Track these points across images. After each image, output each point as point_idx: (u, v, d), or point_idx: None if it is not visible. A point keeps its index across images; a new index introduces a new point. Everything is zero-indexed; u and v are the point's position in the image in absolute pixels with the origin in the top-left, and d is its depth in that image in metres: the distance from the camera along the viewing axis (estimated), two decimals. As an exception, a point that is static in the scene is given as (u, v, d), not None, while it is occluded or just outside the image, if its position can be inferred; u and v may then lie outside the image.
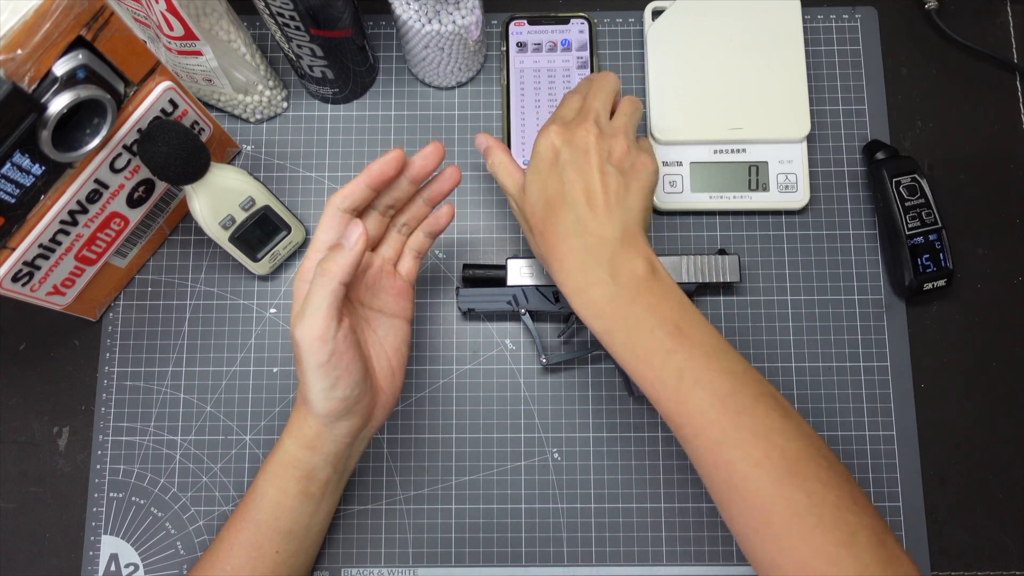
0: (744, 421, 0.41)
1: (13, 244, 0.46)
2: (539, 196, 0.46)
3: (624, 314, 0.43)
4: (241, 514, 0.47)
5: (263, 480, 0.47)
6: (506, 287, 0.55)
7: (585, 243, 0.44)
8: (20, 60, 0.39)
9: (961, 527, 0.55)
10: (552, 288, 0.55)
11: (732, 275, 0.55)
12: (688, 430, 0.41)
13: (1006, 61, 0.62)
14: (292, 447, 0.46)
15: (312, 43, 0.53)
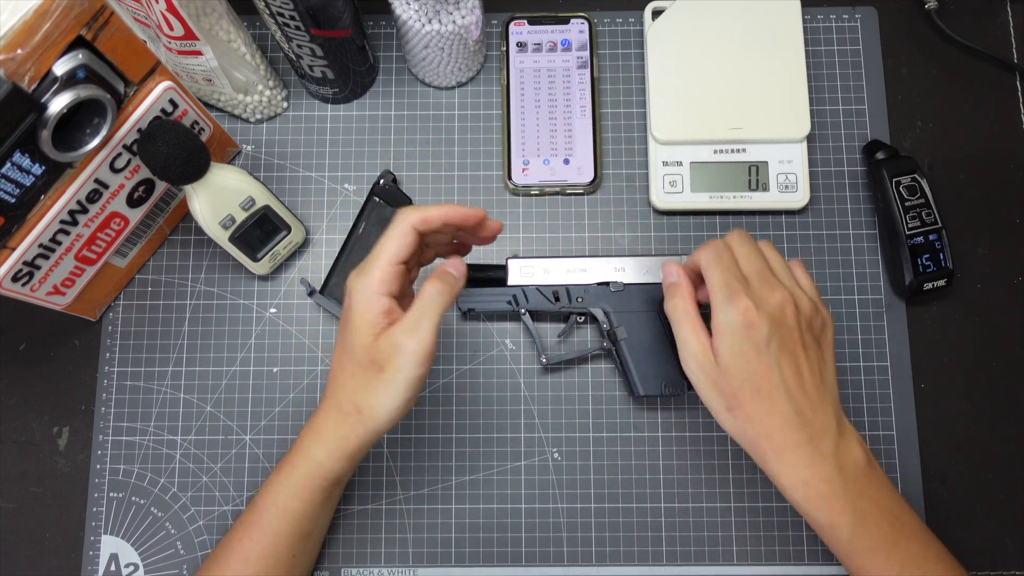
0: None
1: (13, 244, 0.46)
2: (745, 379, 0.43)
3: (853, 508, 0.43)
4: (256, 525, 0.47)
5: (285, 493, 0.46)
6: (506, 287, 0.55)
7: (810, 436, 0.43)
8: (20, 60, 0.39)
9: (961, 527, 0.55)
10: (552, 288, 0.55)
11: None
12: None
13: (1006, 61, 0.62)
14: (325, 459, 0.45)
15: (312, 43, 0.53)
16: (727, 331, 0.43)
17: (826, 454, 0.43)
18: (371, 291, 0.43)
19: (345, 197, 0.60)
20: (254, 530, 0.47)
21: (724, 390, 0.44)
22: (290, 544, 0.47)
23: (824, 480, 0.42)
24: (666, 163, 0.59)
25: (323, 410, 0.46)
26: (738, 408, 0.43)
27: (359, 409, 0.43)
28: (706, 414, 0.57)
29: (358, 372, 0.43)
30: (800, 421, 0.43)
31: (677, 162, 0.59)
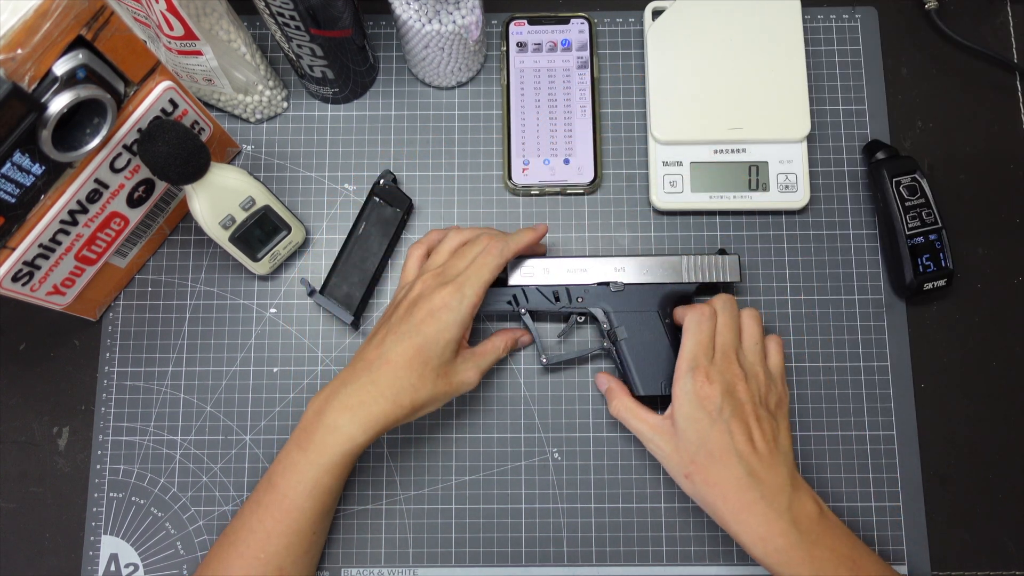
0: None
1: (13, 244, 0.46)
2: (700, 446, 0.48)
3: (810, 558, 0.45)
4: (277, 504, 0.47)
5: (315, 469, 0.47)
6: (506, 287, 0.55)
7: (762, 494, 0.46)
8: (20, 60, 0.39)
9: (961, 527, 0.55)
10: (552, 288, 0.55)
11: (732, 275, 0.55)
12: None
13: (1006, 61, 0.62)
14: (361, 435, 0.47)
15: (312, 43, 0.53)
16: (684, 398, 0.49)
17: (780, 510, 0.46)
18: (467, 314, 0.49)
19: (345, 197, 0.60)
20: (275, 508, 0.47)
21: (683, 456, 0.48)
22: (312, 521, 0.48)
23: (780, 534, 0.45)
24: (666, 163, 0.59)
25: (364, 392, 0.47)
26: (696, 473, 0.48)
27: (415, 407, 0.48)
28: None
29: (429, 379, 0.48)
30: (752, 481, 0.46)
31: (677, 162, 0.59)
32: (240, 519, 0.48)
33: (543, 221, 0.60)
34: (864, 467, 0.56)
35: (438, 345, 0.48)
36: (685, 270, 0.55)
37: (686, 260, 0.55)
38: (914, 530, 0.55)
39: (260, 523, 0.47)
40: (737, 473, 0.46)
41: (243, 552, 0.47)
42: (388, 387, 0.47)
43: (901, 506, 0.55)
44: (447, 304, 0.48)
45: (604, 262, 0.55)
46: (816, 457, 0.56)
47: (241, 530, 0.48)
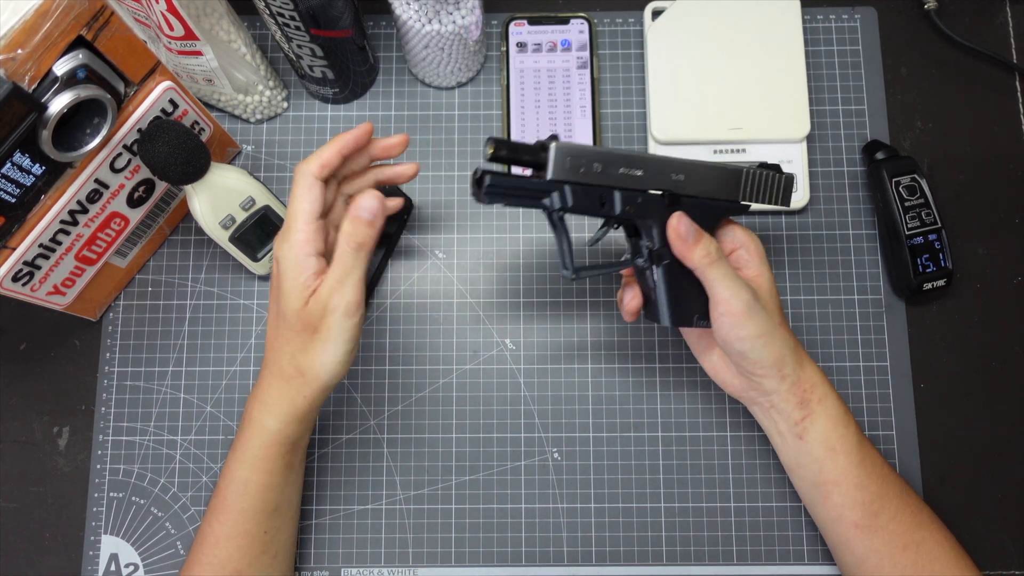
0: (923, 506, 0.48)
1: (13, 244, 0.46)
2: (775, 287, 0.48)
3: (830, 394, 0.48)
4: (221, 507, 0.47)
5: (243, 468, 0.46)
6: (546, 182, 0.43)
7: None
8: (20, 60, 0.39)
9: (961, 527, 0.55)
10: (600, 189, 0.44)
11: (785, 201, 0.49)
12: (888, 513, 0.47)
13: (1006, 61, 0.62)
14: (277, 425, 0.45)
15: (312, 43, 0.53)
16: (764, 257, 0.48)
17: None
18: (299, 254, 0.43)
19: (345, 197, 0.60)
20: (219, 512, 0.47)
21: (774, 309, 0.47)
22: (259, 520, 0.47)
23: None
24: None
25: (265, 379, 0.46)
26: (783, 321, 0.47)
27: (301, 372, 0.44)
28: (706, 414, 0.57)
29: (294, 337, 0.44)
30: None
31: (677, 162, 0.59)
32: (199, 529, 0.49)
33: (543, 221, 0.60)
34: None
35: (286, 298, 0.44)
36: (742, 190, 0.48)
37: (744, 176, 0.48)
38: (914, 530, 0.55)
39: (210, 528, 0.47)
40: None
41: (201, 560, 0.47)
42: (273, 364, 0.45)
43: (901, 506, 0.55)
44: (280, 254, 0.44)
45: (662, 164, 0.46)
46: (816, 457, 0.56)
47: (198, 538, 0.48)
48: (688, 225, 0.45)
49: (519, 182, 0.43)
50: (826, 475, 0.47)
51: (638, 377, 0.57)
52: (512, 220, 0.60)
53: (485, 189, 0.42)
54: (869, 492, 0.46)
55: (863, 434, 0.49)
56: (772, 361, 0.46)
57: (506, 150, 0.43)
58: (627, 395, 0.57)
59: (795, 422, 0.47)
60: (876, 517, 0.46)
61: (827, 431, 0.47)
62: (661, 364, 0.58)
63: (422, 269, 0.59)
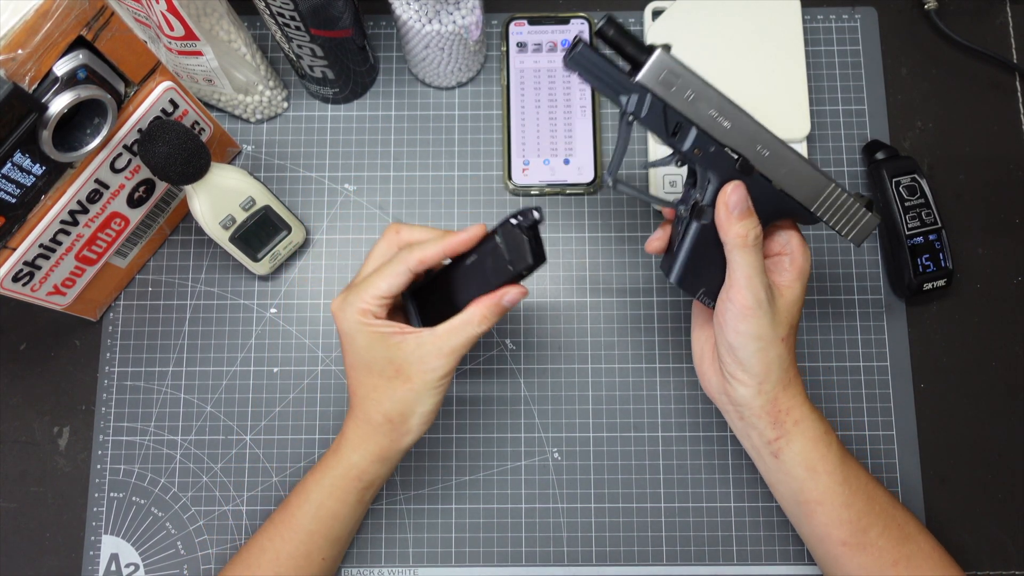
0: (910, 518, 0.48)
1: (14, 244, 0.46)
2: (798, 316, 0.46)
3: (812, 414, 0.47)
4: (289, 523, 0.47)
5: (319, 490, 0.46)
6: (632, 82, 0.41)
7: None
8: (21, 60, 0.39)
9: (961, 527, 0.55)
10: (678, 116, 0.43)
11: (856, 237, 0.46)
12: (877, 529, 0.46)
13: (1006, 61, 0.62)
14: (361, 461, 0.46)
15: (312, 43, 0.53)
16: (805, 275, 0.45)
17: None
18: (357, 317, 0.44)
19: (345, 197, 0.60)
20: (285, 529, 0.47)
21: (784, 322, 0.45)
22: (320, 546, 0.47)
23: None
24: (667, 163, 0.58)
25: (352, 421, 0.46)
26: (788, 338, 0.45)
27: (389, 420, 0.44)
28: (706, 414, 0.57)
29: (382, 384, 0.44)
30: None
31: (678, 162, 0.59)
32: (255, 537, 0.48)
33: (543, 221, 0.60)
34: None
35: (367, 349, 0.44)
36: (821, 202, 0.45)
37: (830, 191, 0.44)
38: (914, 530, 0.55)
39: (270, 542, 0.47)
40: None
41: (255, 572, 0.47)
42: (360, 411, 0.46)
43: (901, 506, 0.55)
44: (337, 315, 0.45)
45: (754, 129, 0.43)
46: (816, 457, 0.56)
47: (254, 548, 0.48)
48: (741, 198, 0.43)
49: (607, 67, 0.41)
50: (808, 494, 0.46)
51: (638, 377, 0.57)
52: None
53: (572, 54, 0.41)
54: (855, 510, 0.45)
55: (845, 450, 0.47)
56: (757, 370, 0.44)
57: (615, 31, 0.41)
58: (627, 395, 0.57)
59: (768, 440, 0.46)
60: (864, 534, 0.45)
61: (805, 452, 0.46)
62: (661, 364, 0.58)
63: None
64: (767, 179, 0.44)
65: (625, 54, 0.42)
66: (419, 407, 0.44)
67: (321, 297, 0.59)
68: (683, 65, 0.41)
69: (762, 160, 0.43)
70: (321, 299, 0.59)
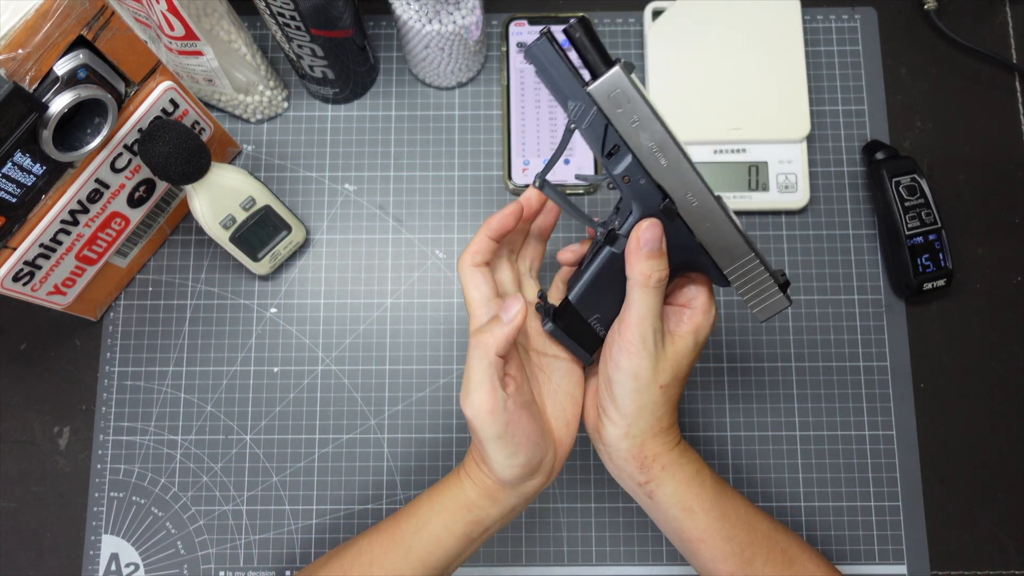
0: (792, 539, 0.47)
1: (14, 244, 0.46)
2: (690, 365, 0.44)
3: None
4: (392, 535, 0.45)
5: (429, 509, 0.45)
6: (583, 84, 0.40)
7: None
8: (21, 60, 0.39)
9: (961, 527, 0.55)
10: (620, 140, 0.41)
11: (763, 315, 0.45)
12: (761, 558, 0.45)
13: (1006, 61, 0.62)
14: (473, 493, 0.44)
15: (313, 43, 0.53)
16: (701, 333, 0.44)
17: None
18: (485, 414, 0.41)
19: (345, 197, 0.60)
20: (387, 538, 0.45)
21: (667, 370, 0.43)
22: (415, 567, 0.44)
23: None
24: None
25: (469, 454, 0.46)
26: (669, 387, 0.43)
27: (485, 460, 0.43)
28: (706, 414, 0.57)
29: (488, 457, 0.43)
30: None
31: (677, 162, 0.59)
32: (357, 538, 0.47)
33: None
34: (864, 467, 0.56)
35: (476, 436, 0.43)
36: (735, 268, 0.43)
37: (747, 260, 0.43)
38: (914, 530, 0.55)
39: (369, 547, 0.46)
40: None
41: (347, 572, 0.45)
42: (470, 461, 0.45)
43: (901, 506, 0.55)
44: (466, 413, 0.42)
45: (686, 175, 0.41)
46: (816, 457, 0.56)
47: (352, 548, 0.46)
48: (654, 237, 0.41)
49: (563, 67, 0.40)
50: (689, 533, 0.45)
51: (638, 377, 0.57)
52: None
53: (531, 44, 0.40)
54: (738, 542, 0.45)
55: (722, 482, 0.46)
56: (628, 411, 0.43)
57: (581, 33, 0.39)
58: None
59: (639, 483, 0.45)
60: (750, 565, 0.45)
61: (679, 493, 0.44)
62: (661, 364, 0.57)
63: (422, 269, 0.59)
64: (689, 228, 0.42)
65: (586, 60, 0.40)
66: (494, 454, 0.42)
67: (321, 297, 0.59)
68: (638, 89, 0.40)
69: (688, 208, 0.42)
70: (321, 299, 0.59)
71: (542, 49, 0.40)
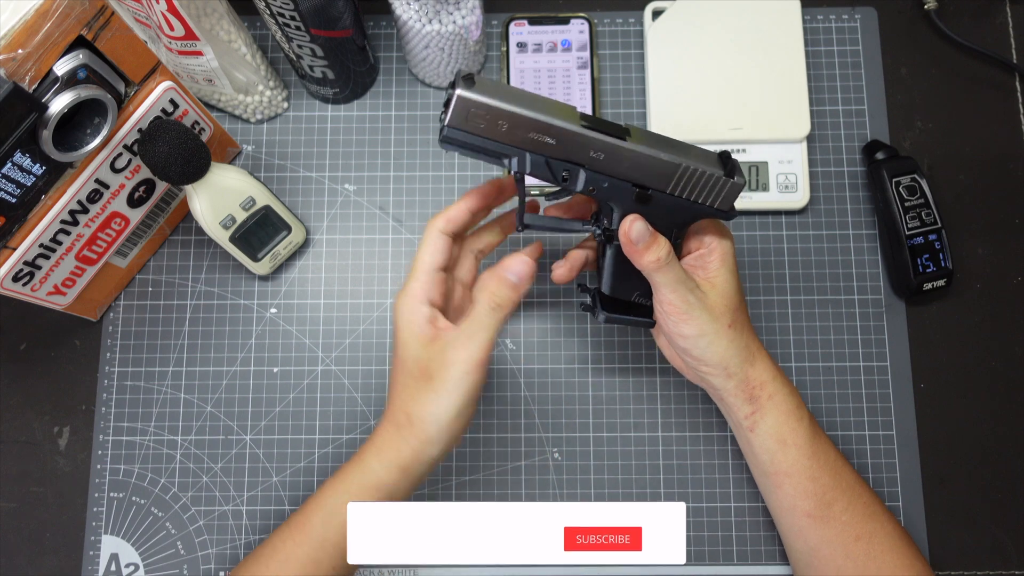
0: (875, 498, 0.49)
1: (14, 244, 0.46)
2: (740, 294, 0.47)
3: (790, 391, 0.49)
4: (303, 528, 0.45)
5: (336, 497, 0.45)
6: (497, 143, 0.41)
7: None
8: (21, 60, 0.39)
9: (961, 527, 0.55)
10: (565, 165, 0.42)
11: (724, 203, 0.45)
12: (841, 504, 0.47)
13: (1006, 61, 0.62)
14: (380, 469, 0.44)
15: (312, 43, 0.53)
16: (728, 258, 0.47)
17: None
18: (412, 301, 0.44)
19: (345, 197, 0.60)
20: (299, 532, 0.45)
21: (724, 311, 0.46)
22: (331, 555, 0.45)
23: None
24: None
25: (381, 424, 0.45)
26: (736, 323, 0.47)
27: (410, 420, 0.43)
28: (707, 414, 0.57)
29: (410, 383, 0.43)
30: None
31: (677, 162, 0.59)
32: (270, 537, 0.47)
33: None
34: (864, 467, 0.56)
35: (403, 346, 0.44)
36: (675, 182, 0.44)
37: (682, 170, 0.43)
38: (914, 530, 0.55)
39: (283, 544, 0.46)
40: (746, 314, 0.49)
41: (263, 572, 0.45)
42: (389, 410, 0.45)
43: (901, 506, 0.55)
44: (396, 304, 0.45)
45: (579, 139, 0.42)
46: (816, 457, 0.56)
47: (267, 547, 0.46)
48: (641, 230, 0.43)
49: (476, 139, 0.41)
50: (778, 466, 0.48)
51: (638, 377, 0.57)
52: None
53: (440, 137, 0.41)
54: (822, 483, 0.47)
55: (818, 427, 0.49)
56: (716, 361, 0.46)
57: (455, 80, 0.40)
58: (627, 395, 0.57)
59: (744, 416, 0.48)
60: (829, 507, 0.47)
61: (778, 425, 0.47)
62: (661, 364, 0.58)
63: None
64: (668, 193, 0.44)
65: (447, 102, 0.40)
66: (440, 411, 0.42)
67: (321, 297, 0.59)
68: (486, 95, 0.40)
69: (599, 163, 0.43)
70: (321, 299, 0.59)
71: (451, 135, 0.41)
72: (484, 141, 0.41)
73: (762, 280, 0.59)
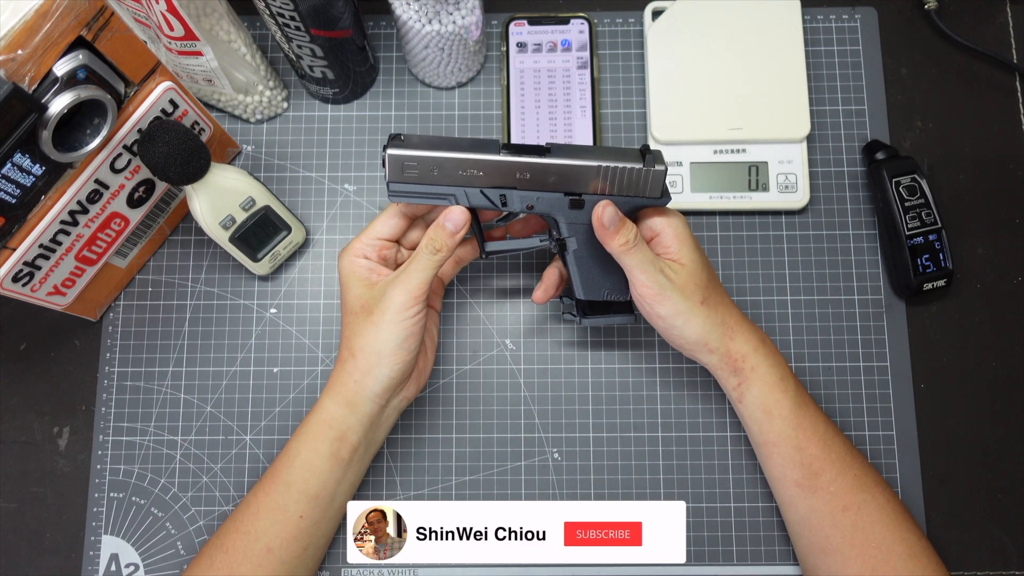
0: (868, 470, 0.49)
1: (14, 244, 0.46)
2: (708, 270, 0.49)
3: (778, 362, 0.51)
4: (271, 475, 0.49)
5: (296, 440, 0.49)
6: (446, 187, 0.46)
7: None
8: (21, 60, 0.39)
9: (961, 527, 0.55)
10: (500, 191, 0.47)
11: (652, 191, 0.48)
12: (830, 474, 0.48)
13: (1006, 61, 0.62)
14: (330, 405, 0.48)
15: (312, 43, 0.53)
16: (683, 235, 0.48)
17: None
18: (350, 255, 0.48)
19: (345, 197, 0.60)
20: (266, 480, 0.49)
21: (695, 288, 0.48)
22: (296, 500, 0.47)
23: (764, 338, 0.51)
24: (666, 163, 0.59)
25: (334, 365, 0.49)
26: (708, 299, 0.49)
27: (353, 354, 0.47)
28: (707, 414, 0.57)
29: (352, 321, 0.47)
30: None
31: (677, 162, 0.59)
32: (243, 499, 0.50)
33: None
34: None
35: (347, 290, 0.48)
36: (601, 184, 0.47)
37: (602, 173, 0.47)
38: (914, 530, 0.55)
39: (254, 496, 0.49)
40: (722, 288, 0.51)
41: (238, 527, 0.48)
42: (339, 350, 0.49)
43: (901, 506, 0.55)
44: (338, 261, 0.49)
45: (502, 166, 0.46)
46: (816, 457, 0.56)
47: (241, 507, 0.49)
48: (612, 215, 0.46)
49: (417, 187, 0.46)
50: (766, 436, 0.50)
51: (638, 377, 0.57)
52: (512, 220, 0.60)
53: (389, 190, 0.47)
54: (808, 454, 0.48)
55: (806, 398, 0.50)
56: (695, 338, 0.48)
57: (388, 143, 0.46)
58: (627, 395, 0.57)
59: (732, 388, 0.50)
60: (816, 478, 0.48)
61: (763, 396, 0.49)
62: (661, 364, 0.58)
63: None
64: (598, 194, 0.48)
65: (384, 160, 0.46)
66: (380, 342, 0.46)
67: (321, 297, 0.59)
68: (412, 148, 0.45)
69: (527, 182, 0.47)
70: (321, 299, 0.59)
71: (395, 189, 0.46)
72: (424, 187, 0.46)
73: (762, 280, 0.59)
